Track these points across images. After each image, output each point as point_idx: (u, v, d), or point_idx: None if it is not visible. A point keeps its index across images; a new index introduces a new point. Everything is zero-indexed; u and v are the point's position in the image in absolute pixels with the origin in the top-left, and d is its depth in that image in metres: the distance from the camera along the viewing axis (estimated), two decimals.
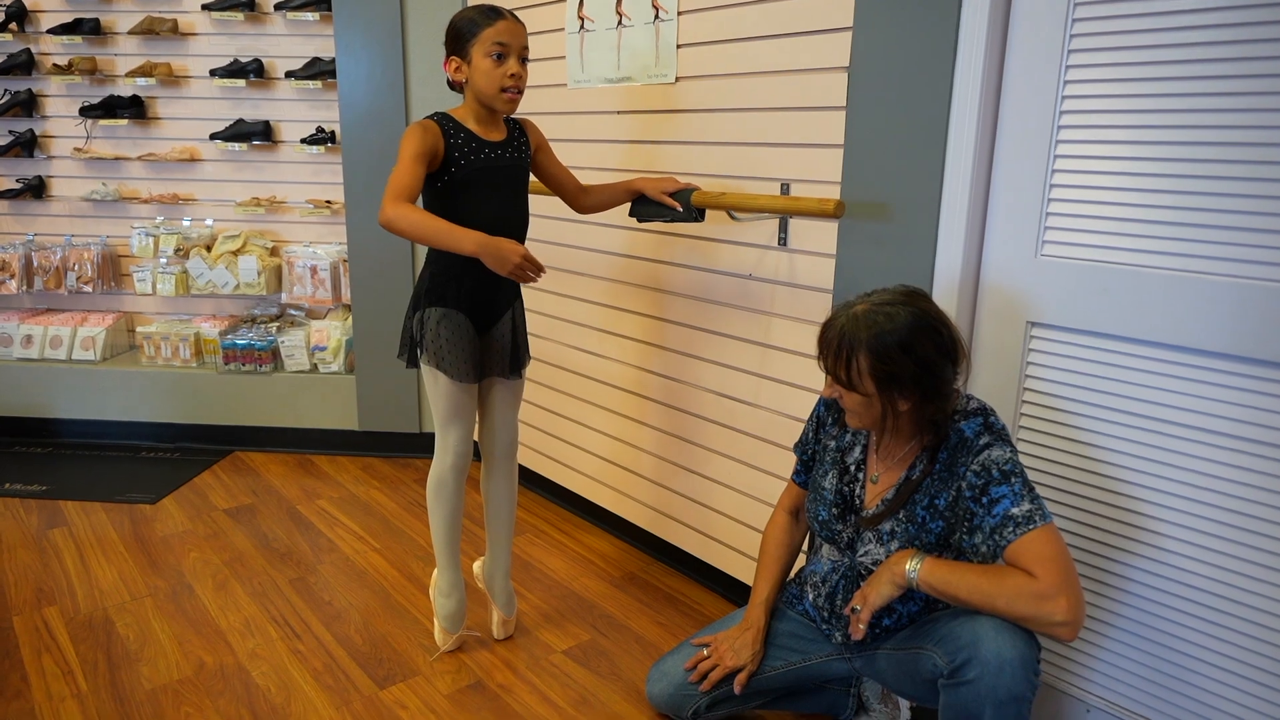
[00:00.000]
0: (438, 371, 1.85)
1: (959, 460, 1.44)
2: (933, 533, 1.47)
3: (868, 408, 1.46)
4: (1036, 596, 1.30)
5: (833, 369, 1.45)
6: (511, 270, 1.66)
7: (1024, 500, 1.36)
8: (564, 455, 2.81)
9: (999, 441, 1.41)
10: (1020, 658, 1.30)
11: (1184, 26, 1.36)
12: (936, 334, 1.40)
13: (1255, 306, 1.33)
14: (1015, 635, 1.32)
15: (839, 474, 1.61)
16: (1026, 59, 1.55)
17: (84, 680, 1.95)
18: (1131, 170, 1.45)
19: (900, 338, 1.38)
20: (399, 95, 2.98)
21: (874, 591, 1.45)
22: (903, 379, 1.39)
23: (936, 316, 1.42)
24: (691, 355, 2.28)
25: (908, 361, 1.38)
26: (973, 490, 1.41)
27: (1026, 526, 1.33)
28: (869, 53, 1.74)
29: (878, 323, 1.39)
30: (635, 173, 2.33)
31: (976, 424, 1.44)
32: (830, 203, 1.71)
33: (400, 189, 1.68)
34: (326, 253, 3.24)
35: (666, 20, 2.16)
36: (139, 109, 3.31)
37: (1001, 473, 1.38)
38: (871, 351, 1.39)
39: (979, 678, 1.32)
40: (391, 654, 2.06)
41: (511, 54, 1.75)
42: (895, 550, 1.50)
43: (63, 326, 3.37)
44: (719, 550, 2.29)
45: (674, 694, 1.75)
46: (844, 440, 1.62)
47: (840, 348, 1.42)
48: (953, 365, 1.43)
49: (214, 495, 2.96)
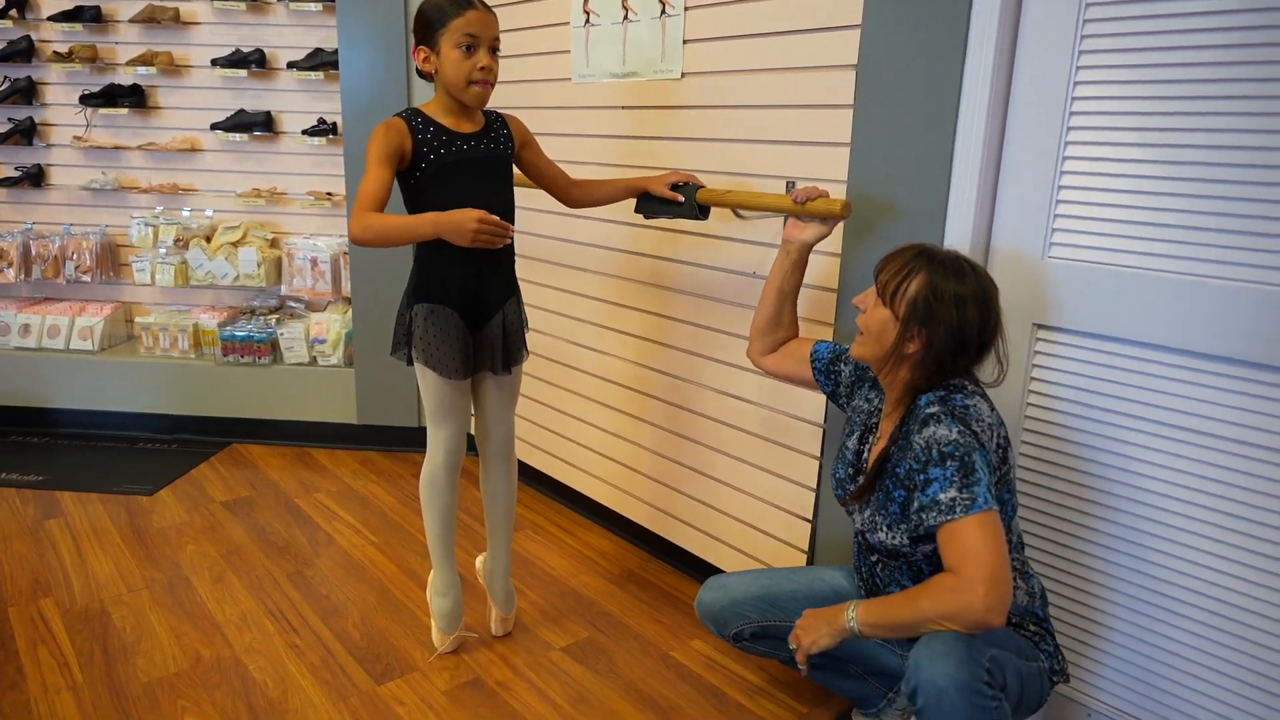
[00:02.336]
0: (426, 368, 1.83)
1: (911, 428, 1.43)
2: (896, 502, 1.46)
3: (883, 332, 1.45)
4: (956, 589, 1.29)
5: (884, 276, 1.46)
6: (473, 238, 1.63)
7: (951, 486, 1.33)
8: (564, 452, 2.80)
9: (949, 419, 1.37)
10: (956, 685, 1.26)
11: (1196, 29, 1.35)
12: (986, 316, 1.42)
13: (1265, 312, 1.32)
14: (950, 661, 1.27)
15: (860, 435, 1.61)
16: (1036, 59, 1.54)
17: (80, 672, 1.94)
18: (1141, 173, 1.44)
19: (959, 292, 1.39)
20: (401, 87, 2.96)
21: (809, 640, 1.47)
22: (933, 323, 1.40)
23: (995, 307, 1.44)
24: (694, 353, 2.27)
25: (950, 313, 1.39)
26: (914, 464, 1.40)
27: (948, 515, 1.32)
28: (877, 51, 1.73)
29: (952, 269, 1.42)
30: (639, 168, 2.32)
31: (934, 395, 1.42)
32: (838, 203, 1.69)
33: (366, 199, 1.65)
34: (327, 245, 3.22)
35: (673, 15, 2.15)
36: (139, 98, 3.29)
37: (940, 453, 1.35)
38: (930, 283, 1.40)
39: (925, 707, 1.30)
40: (389, 649, 2.05)
41: (481, 45, 1.70)
42: (867, 518, 1.52)
43: (61, 316, 3.36)
44: (720, 549, 2.28)
45: (726, 606, 1.72)
46: (873, 403, 1.61)
47: (908, 263, 1.44)
48: (977, 351, 1.43)
49: (211, 487, 2.95)
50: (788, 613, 1.68)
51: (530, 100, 2.65)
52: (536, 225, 2.71)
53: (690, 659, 2.05)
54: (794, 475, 2.04)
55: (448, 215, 1.64)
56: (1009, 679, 1.33)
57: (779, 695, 1.92)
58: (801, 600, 1.69)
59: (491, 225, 1.64)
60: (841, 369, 1.72)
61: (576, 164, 2.46)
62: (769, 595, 1.72)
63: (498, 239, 1.66)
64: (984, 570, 1.28)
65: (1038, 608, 1.51)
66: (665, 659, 2.05)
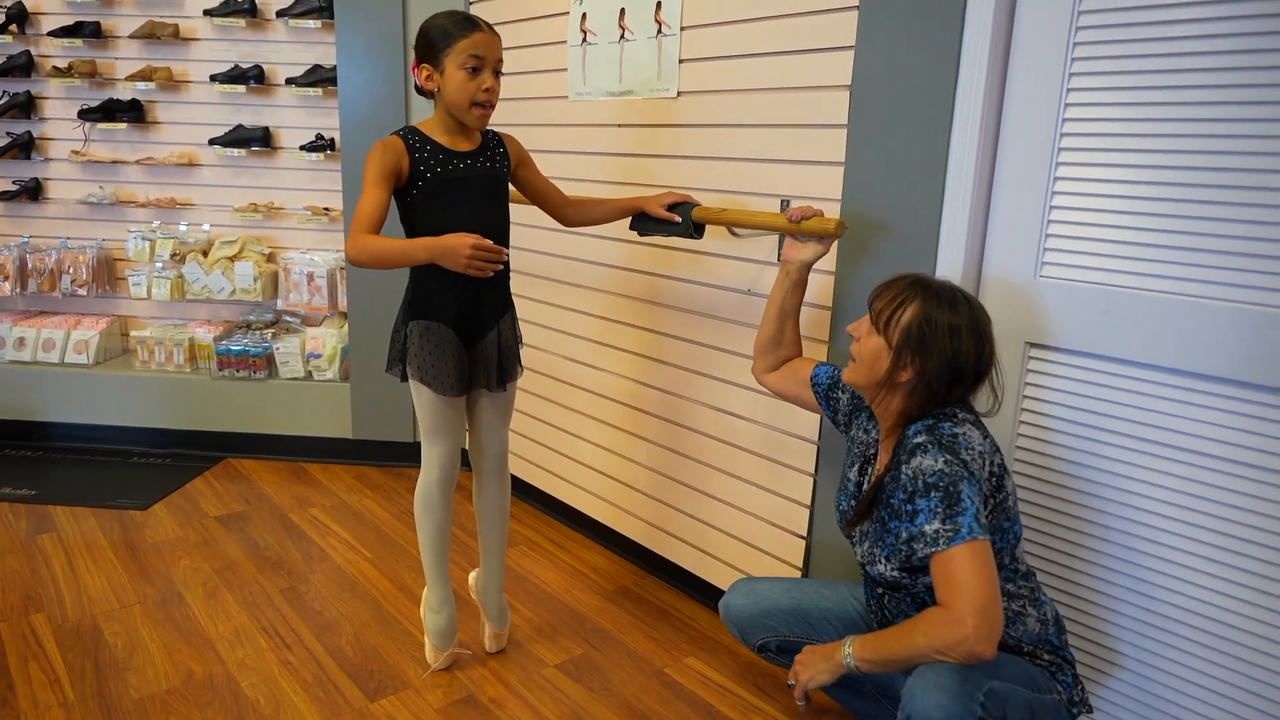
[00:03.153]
0: (422, 385, 1.84)
1: (900, 458, 1.43)
2: (893, 534, 1.45)
3: (876, 360, 1.46)
4: (946, 623, 1.30)
5: (878, 305, 1.46)
6: (467, 263, 1.64)
7: (935, 518, 1.33)
8: (559, 468, 2.80)
9: (935, 449, 1.37)
10: (947, 717, 1.26)
11: (1185, 52, 1.37)
12: (980, 346, 1.42)
13: (1256, 331, 1.34)
14: (943, 694, 1.27)
15: (860, 466, 1.61)
16: (1028, 81, 1.56)
17: (71, 689, 1.93)
18: (1132, 193, 1.45)
19: (953, 322, 1.40)
20: (399, 104, 2.98)
21: (807, 675, 1.48)
22: (927, 352, 1.40)
23: (989, 336, 1.44)
24: (689, 370, 2.27)
25: (944, 343, 1.40)
26: (903, 493, 1.40)
27: (933, 546, 1.33)
28: (871, 72, 1.74)
29: (946, 299, 1.42)
30: (635, 186, 2.33)
31: (923, 424, 1.42)
32: (832, 221, 1.71)
33: (361, 221, 1.66)
34: (323, 260, 3.23)
35: (669, 35, 2.17)
36: (138, 113, 3.30)
37: (925, 484, 1.36)
38: (924, 313, 1.41)
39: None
40: (382, 666, 2.04)
41: (486, 67, 1.72)
42: (866, 550, 1.51)
43: (56, 329, 3.35)
44: (714, 566, 2.28)
45: (754, 615, 1.71)
46: (871, 434, 1.62)
47: (901, 291, 1.45)
48: (973, 381, 1.44)
49: (205, 502, 2.94)
50: (818, 631, 1.68)
51: (527, 118, 2.67)
52: (532, 242, 2.72)
53: (685, 676, 2.04)
54: (789, 492, 2.05)
55: (442, 241, 1.64)
56: (1011, 713, 1.30)
57: (774, 713, 1.92)
58: (833, 620, 1.68)
59: (485, 252, 1.65)
60: (840, 396, 1.72)
61: (573, 181, 2.48)
62: (800, 610, 1.70)
63: (490, 267, 1.67)
64: (972, 603, 1.28)
65: (1051, 635, 1.47)
66: (660, 676, 2.04)
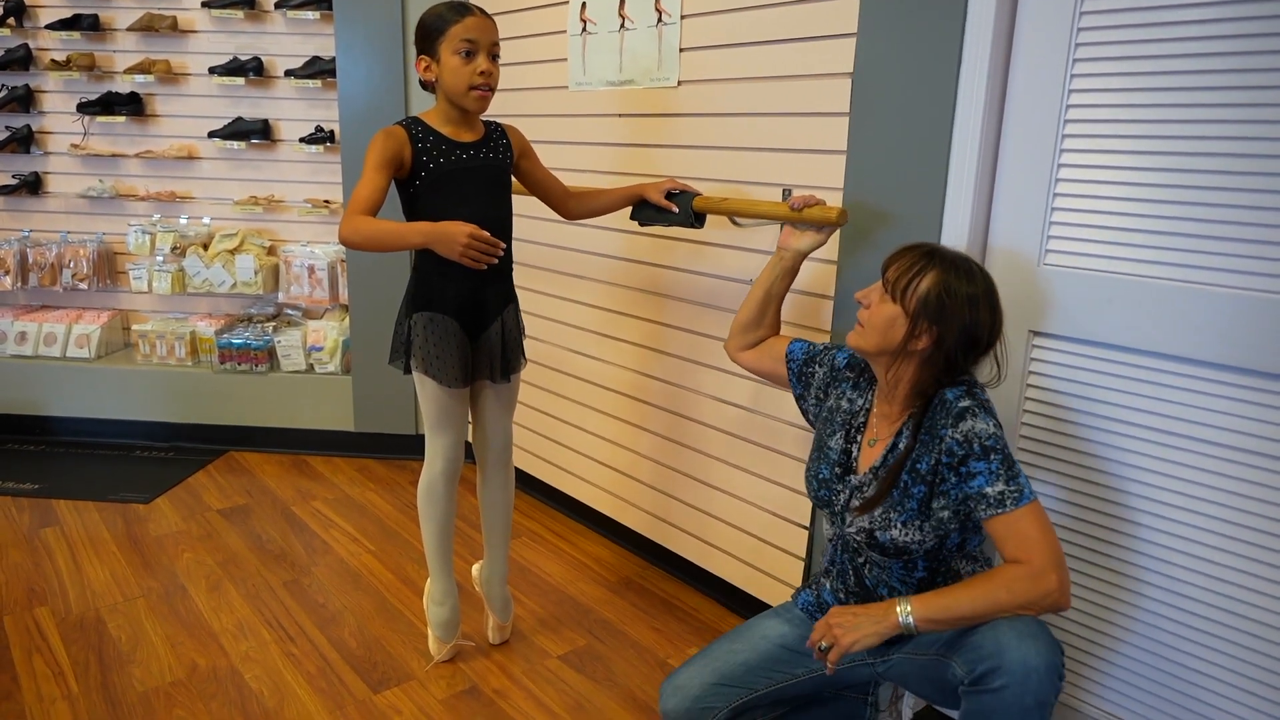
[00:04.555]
0: (425, 376, 1.83)
1: (939, 422, 1.42)
2: (915, 499, 1.45)
3: (890, 327, 1.44)
4: (1030, 578, 1.32)
5: (892, 273, 1.45)
6: (462, 253, 1.64)
7: (999, 480, 1.35)
8: (562, 460, 2.79)
9: (983, 413, 1.39)
10: (1046, 665, 1.29)
11: (1190, 37, 1.36)
12: (994, 316, 1.43)
13: (1260, 318, 1.33)
14: (1039, 642, 1.31)
15: (845, 435, 1.61)
16: (1031, 68, 1.55)
17: (75, 681, 1.93)
18: (1136, 180, 1.44)
19: (971, 292, 1.40)
20: (399, 96, 2.96)
21: (850, 639, 1.40)
22: (945, 321, 1.40)
23: (1000, 306, 1.45)
24: (692, 360, 2.27)
25: (962, 311, 1.40)
26: (952, 458, 1.40)
27: (998, 508, 1.34)
28: (873, 59, 1.73)
29: (963, 268, 1.42)
30: (636, 176, 2.32)
31: (959, 390, 1.43)
32: (834, 210, 1.70)
33: (358, 203, 1.66)
34: (324, 252, 3.22)
35: (670, 24, 2.16)
36: (137, 106, 3.29)
37: (983, 447, 1.37)
38: (943, 281, 1.40)
39: (1005, 686, 1.30)
40: (386, 658, 2.04)
41: (480, 51, 1.71)
42: (879, 516, 1.48)
43: (57, 323, 3.35)
44: (718, 557, 2.28)
45: (691, 708, 1.69)
46: (856, 404, 1.61)
47: (918, 260, 1.43)
48: (982, 349, 1.44)
49: (208, 495, 2.94)
50: (747, 684, 1.67)
51: (527, 108, 2.66)
52: (534, 233, 2.71)
53: None
54: (790, 482, 2.04)
55: (439, 226, 1.64)
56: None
57: None
58: (754, 667, 1.67)
59: (481, 243, 1.64)
60: (815, 370, 1.71)
61: (573, 172, 2.47)
62: (722, 678, 1.68)
63: (485, 258, 1.66)
64: (1051, 557, 1.31)
65: None
66: (663, 667, 2.04)
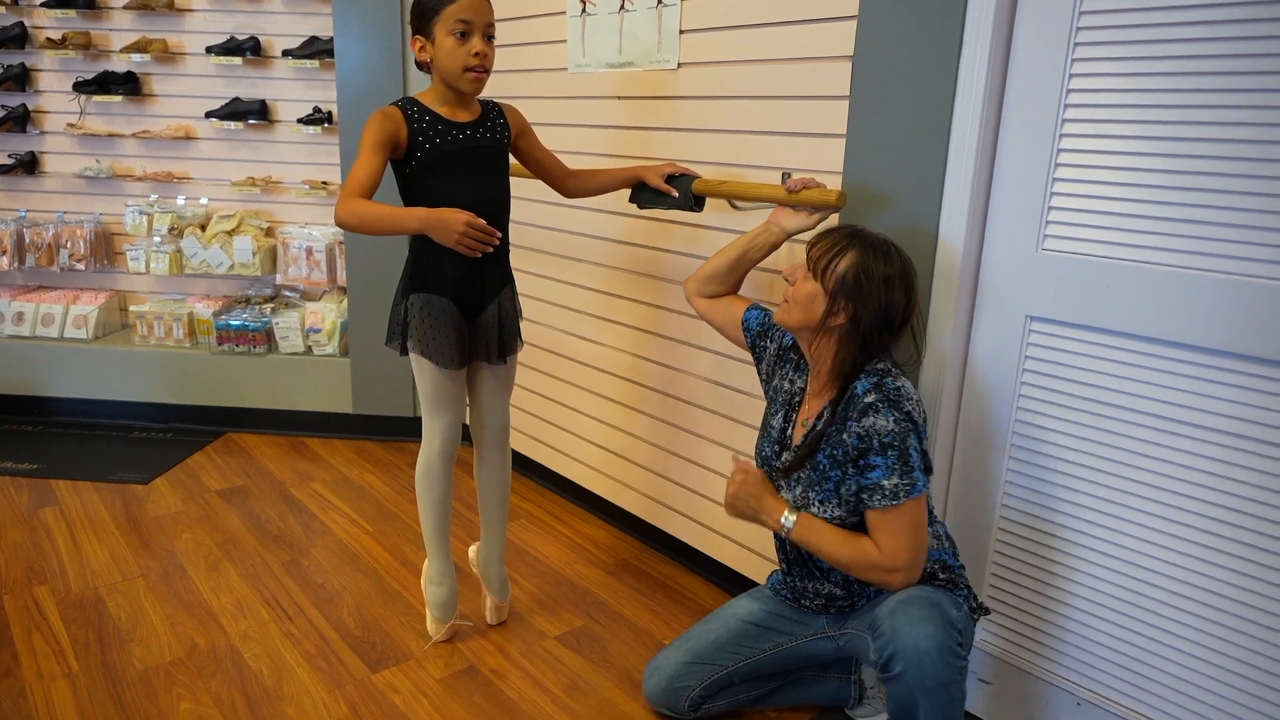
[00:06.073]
0: (422, 358, 1.84)
1: (847, 415, 1.50)
2: (831, 481, 1.54)
3: (811, 304, 1.53)
4: (879, 569, 1.47)
5: (815, 252, 1.54)
6: (457, 240, 1.64)
7: (893, 474, 1.44)
8: (558, 442, 2.80)
9: (887, 407, 1.45)
10: (938, 647, 1.36)
11: (1191, 21, 1.35)
12: (908, 297, 1.51)
13: (1257, 304, 1.33)
14: (929, 625, 1.38)
15: (785, 414, 1.68)
16: (1032, 51, 1.54)
17: (75, 660, 1.95)
18: (1135, 165, 1.44)
19: (887, 272, 1.49)
20: (397, 76, 2.95)
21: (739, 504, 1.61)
22: (861, 299, 1.48)
23: (916, 288, 1.54)
24: (688, 343, 2.27)
25: (878, 291, 1.48)
26: (851, 452, 1.49)
27: (891, 500, 1.44)
28: (873, 42, 1.72)
29: (881, 249, 1.51)
30: (635, 159, 2.31)
31: (868, 383, 1.48)
32: (833, 193, 1.70)
33: (354, 185, 1.66)
34: (322, 234, 3.22)
35: (670, 6, 2.14)
36: (133, 85, 3.27)
37: (881, 444, 1.45)
38: (860, 261, 1.49)
39: (904, 671, 1.39)
40: (384, 638, 2.06)
41: (475, 31, 1.70)
42: (799, 494, 1.60)
43: (55, 304, 3.35)
44: (713, 539, 2.29)
45: (668, 688, 1.77)
46: (795, 384, 1.69)
47: (839, 240, 1.52)
48: (896, 329, 1.52)
49: (207, 476, 2.95)
50: (717, 661, 1.75)
51: (526, 90, 2.64)
52: (531, 215, 2.71)
53: None
54: None
55: (436, 213, 1.64)
56: (965, 633, 1.43)
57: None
58: (723, 645, 1.76)
59: (477, 231, 1.64)
60: (767, 345, 1.78)
61: (572, 154, 2.46)
62: (695, 656, 1.77)
63: (481, 246, 1.66)
64: (907, 556, 1.45)
65: (947, 551, 1.59)
66: (659, 647, 2.06)
